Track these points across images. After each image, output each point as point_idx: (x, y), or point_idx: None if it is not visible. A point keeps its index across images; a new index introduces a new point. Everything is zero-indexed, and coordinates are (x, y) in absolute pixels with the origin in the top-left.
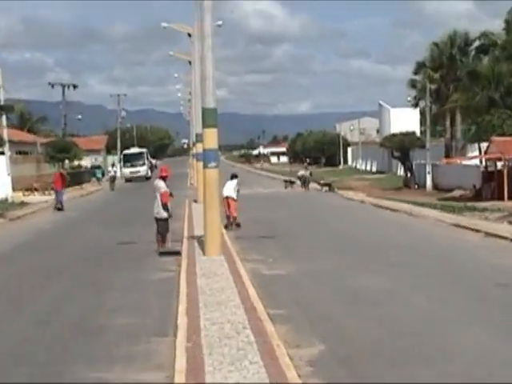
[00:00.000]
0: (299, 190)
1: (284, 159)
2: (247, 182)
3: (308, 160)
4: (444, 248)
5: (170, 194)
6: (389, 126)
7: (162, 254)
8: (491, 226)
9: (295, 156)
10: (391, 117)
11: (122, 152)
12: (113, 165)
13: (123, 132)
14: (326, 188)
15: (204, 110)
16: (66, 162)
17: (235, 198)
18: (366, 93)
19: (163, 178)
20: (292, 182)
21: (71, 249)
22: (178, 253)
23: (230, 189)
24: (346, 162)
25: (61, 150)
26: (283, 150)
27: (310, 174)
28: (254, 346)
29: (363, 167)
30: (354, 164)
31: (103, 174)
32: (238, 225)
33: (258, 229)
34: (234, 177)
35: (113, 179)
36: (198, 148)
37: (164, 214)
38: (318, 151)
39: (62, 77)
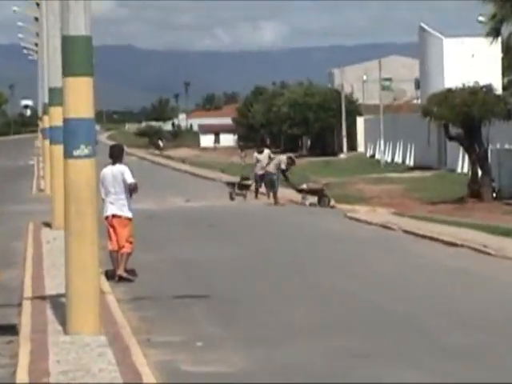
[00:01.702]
0: (259, 201)
1: (228, 140)
2: (154, 185)
3: (281, 146)
4: None
5: None
6: (440, 74)
7: None
8: None
9: (251, 134)
10: (445, 55)
11: None
12: None
13: None
14: (313, 200)
15: (67, 41)
16: None
17: (128, 215)
18: (392, 8)
19: None
20: (244, 187)
21: None
22: (11, 329)
23: (115, 197)
24: (353, 146)
25: None
26: (226, 121)
27: (286, 169)
28: None
29: (388, 157)
30: (371, 150)
31: None
32: (132, 272)
33: (177, 281)
34: (116, 156)
35: None
36: (54, 117)
37: None
38: (298, 125)
39: None
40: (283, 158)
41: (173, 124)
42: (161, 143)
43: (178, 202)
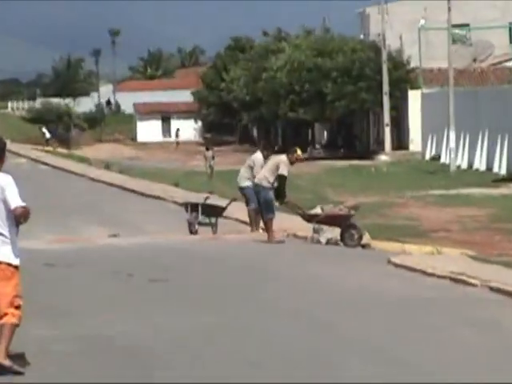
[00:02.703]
0: (241, 236)
1: (187, 129)
2: (57, 207)
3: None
4: None
5: None
6: None
7: None
8: None
9: (224, 119)
10: None
11: None
12: None
13: None
14: (332, 234)
15: None
16: None
17: (13, 261)
18: None
19: None
20: (214, 211)
21: None
22: None
23: None
24: (401, 141)
25: None
26: (182, 97)
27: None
28: None
29: (463, 160)
30: (432, 149)
31: None
32: (19, 358)
33: (96, 373)
34: None
35: None
36: None
37: None
38: (307, 105)
39: None
40: (283, 158)
41: (108, 103)
42: (47, 133)
43: (97, 236)
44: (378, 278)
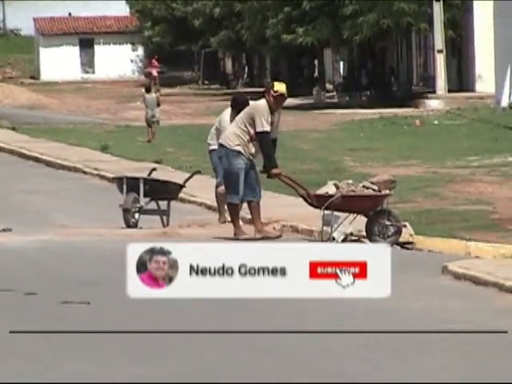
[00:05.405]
0: (202, 231)
1: (122, 59)
2: None
3: None
4: None
5: None
6: None
7: None
8: None
9: (179, 46)
10: None
11: None
12: None
13: None
14: (351, 230)
15: None
16: None
17: None
18: None
19: None
20: (163, 189)
21: None
22: None
23: None
24: (460, 75)
25: None
26: (114, 12)
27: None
28: None
29: None
30: (510, 90)
31: None
32: None
33: None
34: None
35: None
36: None
37: None
38: (314, 20)
39: None
40: (259, 104)
41: None
42: None
43: None
44: (428, 297)
